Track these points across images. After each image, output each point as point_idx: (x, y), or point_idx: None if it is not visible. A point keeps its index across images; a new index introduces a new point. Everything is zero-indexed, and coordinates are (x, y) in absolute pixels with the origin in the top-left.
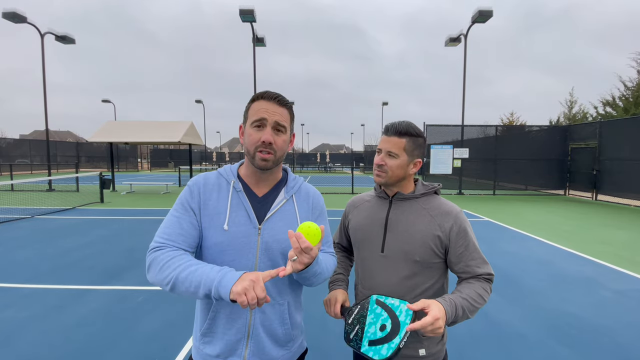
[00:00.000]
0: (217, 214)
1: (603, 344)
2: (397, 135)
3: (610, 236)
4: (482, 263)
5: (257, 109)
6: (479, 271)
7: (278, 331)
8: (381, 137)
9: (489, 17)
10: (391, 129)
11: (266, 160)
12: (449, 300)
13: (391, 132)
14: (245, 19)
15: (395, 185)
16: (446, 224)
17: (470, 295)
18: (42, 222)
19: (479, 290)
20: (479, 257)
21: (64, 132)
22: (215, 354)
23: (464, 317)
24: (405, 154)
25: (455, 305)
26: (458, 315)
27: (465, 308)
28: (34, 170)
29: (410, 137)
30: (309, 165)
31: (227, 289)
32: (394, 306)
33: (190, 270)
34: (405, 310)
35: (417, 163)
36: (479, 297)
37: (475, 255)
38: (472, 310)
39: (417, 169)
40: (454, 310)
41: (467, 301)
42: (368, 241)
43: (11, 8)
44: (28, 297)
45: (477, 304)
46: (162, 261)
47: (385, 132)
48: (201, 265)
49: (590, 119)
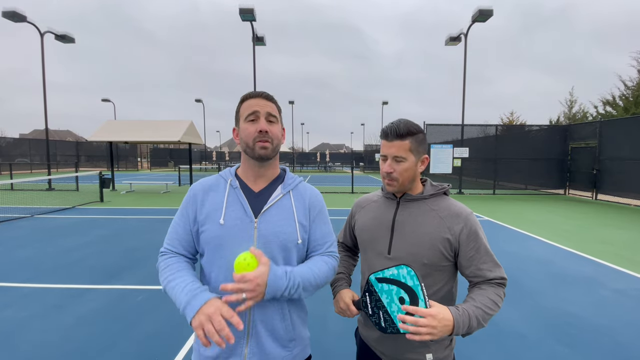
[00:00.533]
0: (215, 210)
1: (603, 343)
2: (399, 139)
3: (610, 236)
4: (494, 267)
5: (248, 106)
6: (491, 275)
7: (278, 327)
8: (382, 143)
9: (489, 17)
10: (391, 133)
11: (265, 149)
12: (462, 310)
13: (392, 136)
14: (245, 18)
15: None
16: (456, 226)
17: (484, 303)
18: (42, 222)
19: (493, 297)
20: (490, 261)
21: (64, 131)
22: (214, 356)
23: (479, 326)
24: (412, 155)
25: (469, 316)
26: (472, 326)
27: (480, 317)
28: (34, 169)
29: (412, 136)
30: (309, 165)
31: (189, 319)
32: (396, 275)
33: (171, 285)
34: (407, 271)
35: (425, 160)
36: (493, 304)
37: (486, 259)
38: (487, 318)
39: (425, 165)
40: (467, 320)
41: (482, 310)
42: (374, 243)
43: (11, 7)
44: (28, 297)
45: (491, 312)
46: (160, 269)
47: (385, 137)
48: (179, 282)
49: (591, 119)
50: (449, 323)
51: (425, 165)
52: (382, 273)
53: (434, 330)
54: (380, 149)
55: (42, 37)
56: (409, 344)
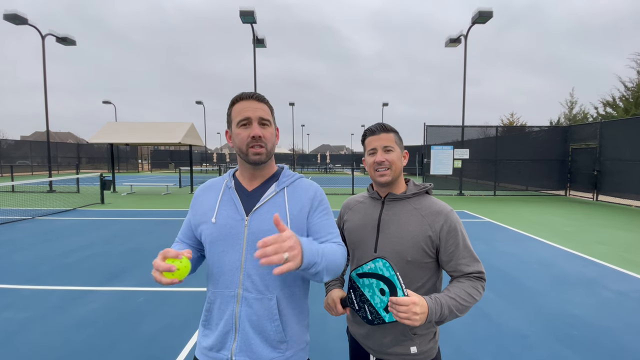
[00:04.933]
0: (210, 209)
1: (604, 344)
2: (386, 132)
3: (611, 237)
4: (472, 262)
5: (239, 109)
6: (469, 270)
7: (267, 328)
8: (368, 139)
9: (489, 18)
10: (377, 128)
11: (259, 154)
12: (434, 298)
13: (379, 130)
14: (246, 20)
15: (392, 185)
16: (436, 223)
17: (459, 295)
18: (43, 223)
19: (469, 289)
20: (469, 256)
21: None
22: (209, 347)
23: (452, 316)
24: (397, 147)
25: (441, 304)
26: (444, 314)
27: (453, 307)
28: (35, 171)
29: (394, 132)
30: (310, 166)
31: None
32: (373, 269)
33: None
34: (382, 263)
35: (405, 155)
36: (468, 296)
37: (465, 254)
38: (462, 309)
39: (407, 160)
40: (439, 308)
41: (455, 300)
42: (362, 242)
43: (12, 10)
44: (28, 298)
45: (467, 303)
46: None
47: (372, 133)
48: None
49: (591, 120)
50: (425, 310)
51: (406, 159)
52: (362, 268)
53: (416, 317)
54: (367, 145)
55: (43, 40)
56: (394, 338)
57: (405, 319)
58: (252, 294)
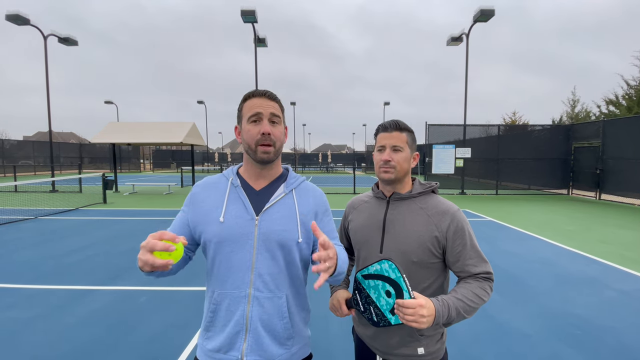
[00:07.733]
0: (215, 208)
1: (608, 344)
2: (399, 130)
3: (614, 236)
4: (480, 262)
5: (251, 105)
6: (476, 270)
7: (277, 326)
8: (380, 135)
9: (490, 16)
10: (391, 125)
11: (268, 153)
12: (441, 300)
13: (392, 128)
14: (247, 19)
15: (396, 183)
16: (443, 223)
17: (466, 296)
18: (46, 223)
19: (476, 290)
20: (476, 256)
21: (67, 133)
22: (216, 349)
23: (460, 317)
24: (407, 148)
25: (448, 306)
26: (452, 316)
27: (460, 308)
28: (37, 171)
29: (408, 132)
30: (311, 166)
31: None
32: (379, 270)
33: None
34: (389, 265)
35: (416, 157)
36: (475, 297)
37: (472, 254)
38: (469, 310)
39: (416, 162)
40: (446, 310)
41: (463, 302)
42: (367, 242)
43: (14, 10)
44: (31, 298)
45: (474, 304)
46: None
47: (385, 130)
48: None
49: (594, 118)
50: (433, 312)
51: (416, 161)
52: (367, 270)
53: (423, 319)
54: (377, 141)
55: (45, 40)
56: (401, 339)
57: (412, 321)
58: (263, 293)
